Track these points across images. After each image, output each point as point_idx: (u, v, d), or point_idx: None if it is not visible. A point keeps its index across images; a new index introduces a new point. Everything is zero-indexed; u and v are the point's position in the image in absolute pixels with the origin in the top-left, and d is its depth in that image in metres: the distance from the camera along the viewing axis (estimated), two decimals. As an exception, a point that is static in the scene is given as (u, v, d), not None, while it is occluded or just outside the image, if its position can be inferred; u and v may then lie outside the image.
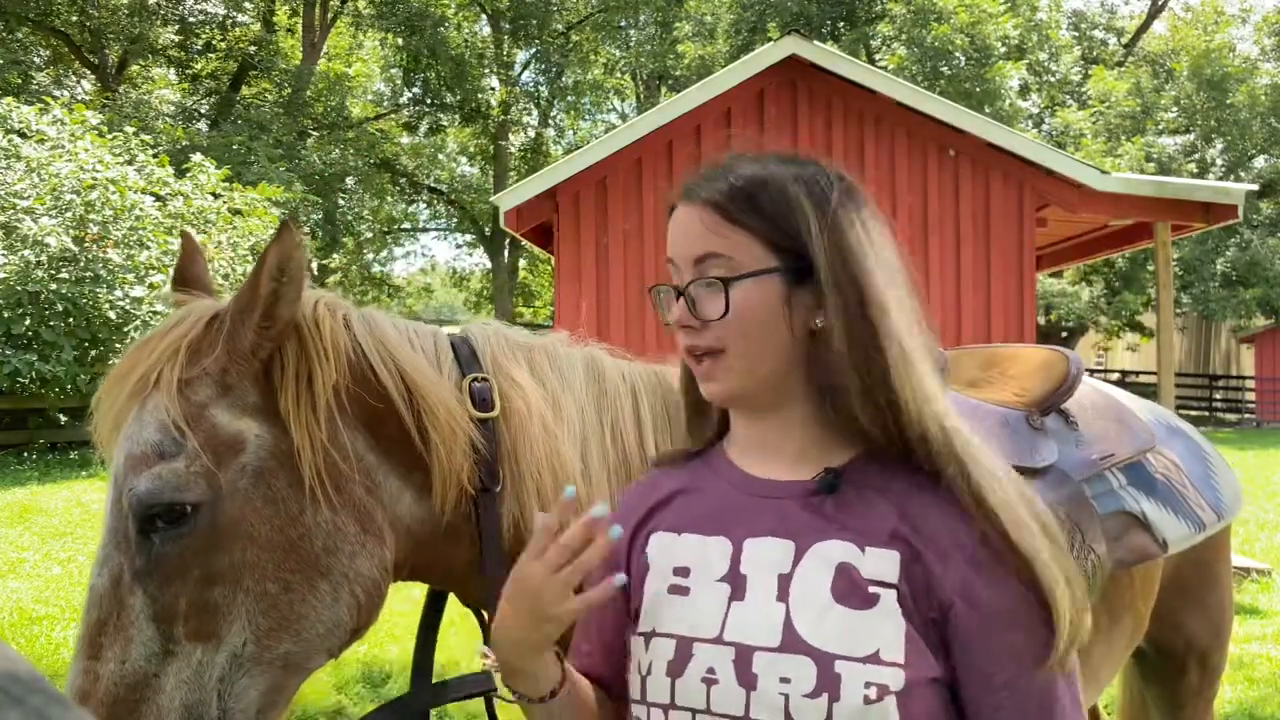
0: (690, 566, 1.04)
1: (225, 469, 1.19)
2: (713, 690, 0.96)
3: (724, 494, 1.08)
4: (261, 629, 1.19)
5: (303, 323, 1.27)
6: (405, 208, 32.35)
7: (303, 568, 1.21)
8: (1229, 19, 29.15)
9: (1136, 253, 16.71)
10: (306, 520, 1.22)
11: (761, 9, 25.59)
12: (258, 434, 1.23)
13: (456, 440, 1.33)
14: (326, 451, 1.23)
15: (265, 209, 12.82)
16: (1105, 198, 7.84)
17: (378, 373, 1.32)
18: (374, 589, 1.27)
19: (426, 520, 1.35)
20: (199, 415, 1.20)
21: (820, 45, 8.14)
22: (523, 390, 1.43)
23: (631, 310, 7.93)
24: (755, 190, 1.02)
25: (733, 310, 1.00)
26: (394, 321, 1.42)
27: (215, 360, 1.23)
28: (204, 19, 26.03)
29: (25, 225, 11.17)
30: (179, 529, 1.16)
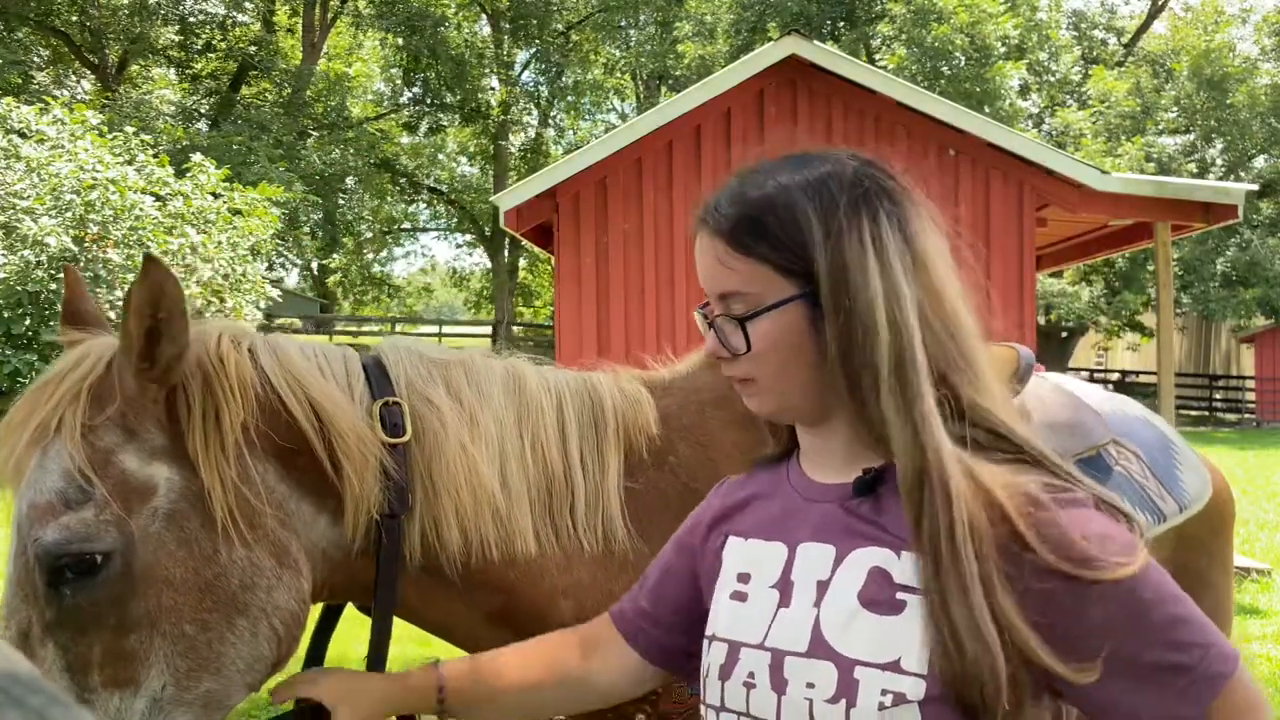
0: (751, 573, 1.07)
1: (136, 515, 1.16)
2: (751, 694, 0.98)
3: (788, 498, 1.09)
4: (181, 670, 1.16)
5: (206, 359, 1.24)
6: (405, 208, 32.37)
7: (220, 606, 1.19)
8: (1229, 19, 29.16)
9: (1136, 253, 16.71)
10: (221, 559, 1.20)
11: (761, 9, 25.60)
12: (168, 477, 1.20)
13: (368, 466, 1.32)
14: (238, 489, 1.21)
15: (265, 209, 12.81)
16: (1105, 198, 7.84)
17: (287, 404, 1.30)
18: (293, 620, 1.26)
19: (341, 544, 1.34)
20: (105, 461, 1.17)
21: (820, 45, 8.14)
22: (438, 410, 1.41)
23: (631, 310, 7.93)
24: (763, 214, 1.00)
25: (754, 346, 1.01)
26: (302, 348, 1.40)
27: (117, 404, 1.19)
28: (204, 19, 26.04)
29: (25, 225, 11.18)
30: (90, 579, 1.13)
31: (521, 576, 1.45)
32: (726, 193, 1.05)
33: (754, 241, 1.00)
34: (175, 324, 1.18)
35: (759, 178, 1.04)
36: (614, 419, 1.56)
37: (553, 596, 1.46)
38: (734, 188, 1.05)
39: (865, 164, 1.06)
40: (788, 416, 1.08)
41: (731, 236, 1.01)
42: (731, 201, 1.03)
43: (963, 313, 1.01)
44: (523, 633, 1.42)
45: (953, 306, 1.00)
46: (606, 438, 1.54)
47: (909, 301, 0.97)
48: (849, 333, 0.96)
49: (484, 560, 1.41)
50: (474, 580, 1.42)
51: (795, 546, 1.03)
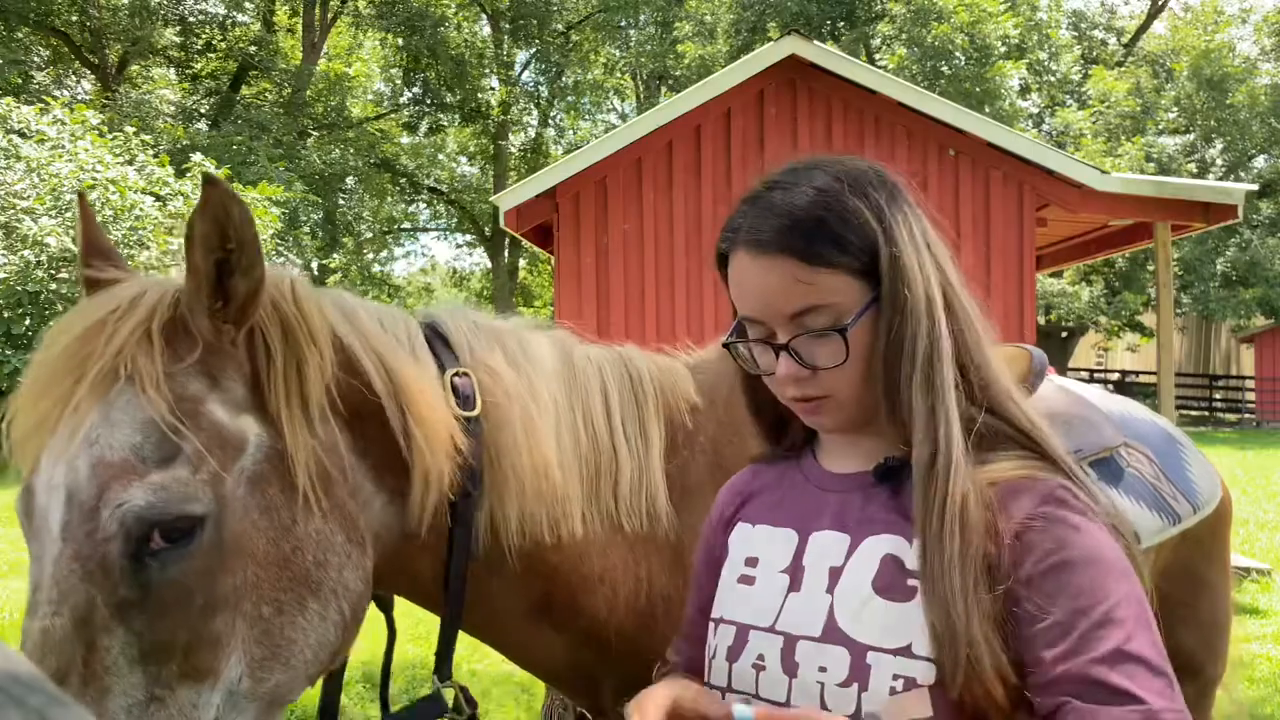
0: (759, 557, 1.08)
1: (229, 475, 1.03)
2: (761, 676, 1.00)
3: (801, 489, 1.10)
4: (255, 659, 1.03)
5: (283, 303, 1.11)
6: (405, 208, 32.34)
7: (294, 585, 1.06)
8: (1229, 19, 29.14)
9: (1136, 253, 16.71)
10: (299, 531, 1.07)
11: (761, 9, 25.59)
12: (257, 433, 1.07)
13: (441, 442, 1.21)
14: (317, 453, 1.10)
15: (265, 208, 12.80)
16: (1105, 198, 7.84)
17: (360, 364, 1.18)
18: (359, 604, 1.15)
19: (395, 528, 1.23)
20: (195, 412, 1.02)
21: (820, 45, 8.14)
22: (502, 381, 1.31)
23: (631, 310, 7.93)
24: (825, 221, 0.97)
25: (852, 354, 0.98)
26: (365, 306, 1.28)
27: (199, 350, 1.06)
28: (204, 19, 26.03)
29: (25, 225, 11.18)
30: (182, 548, 0.98)
31: (565, 560, 1.36)
32: (766, 210, 1.00)
33: (829, 250, 0.97)
34: (247, 254, 1.04)
35: (792, 188, 1.00)
36: (653, 390, 1.48)
37: (591, 582, 1.38)
38: (774, 202, 1.00)
39: (874, 165, 1.05)
40: (856, 423, 1.05)
41: (806, 250, 0.97)
42: (781, 215, 0.99)
43: (970, 304, 1.03)
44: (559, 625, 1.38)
45: (964, 298, 1.02)
46: (647, 410, 1.46)
47: (938, 290, 0.98)
48: (900, 327, 0.96)
49: (536, 544, 1.32)
50: (524, 566, 1.33)
51: (808, 534, 1.05)
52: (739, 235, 1.02)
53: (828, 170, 1.02)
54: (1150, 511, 1.65)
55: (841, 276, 0.98)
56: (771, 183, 1.03)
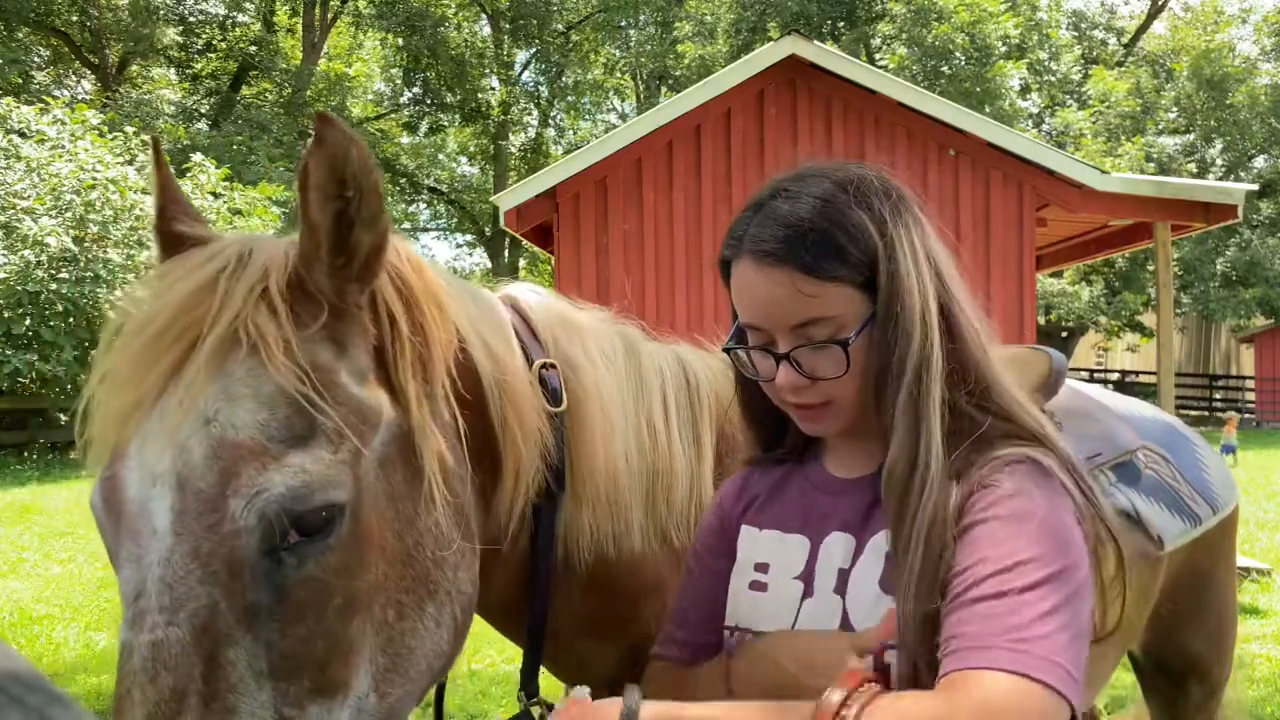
0: (769, 563, 1.08)
1: (365, 457, 0.90)
2: None
3: (809, 494, 1.10)
4: (381, 671, 0.91)
5: (398, 263, 0.99)
6: (405, 208, 32.34)
7: (415, 586, 0.94)
8: (1229, 19, 29.14)
9: (1136, 253, 16.70)
10: (420, 525, 0.95)
11: (761, 9, 25.58)
12: (389, 412, 0.94)
13: (536, 440, 1.12)
14: (441, 437, 0.98)
15: (265, 208, 12.81)
16: (1105, 198, 7.84)
17: (471, 347, 1.07)
18: (469, 608, 1.03)
19: (481, 533, 1.10)
20: (332, 383, 0.88)
21: (820, 45, 8.15)
22: (583, 379, 1.22)
23: (631, 310, 7.92)
24: (829, 233, 0.97)
25: (852, 365, 0.99)
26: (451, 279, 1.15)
27: (325, 314, 0.92)
28: (204, 19, 26.04)
29: (25, 225, 11.18)
30: (322, 541, 0.85)
31: (625, 574, 1.28)
32: (770, 219, 1.00)
33: (832, 263, 0.97)
34: (370, 203, 0.90)
35: (797, 196, 1.00)
36: (708, 397, 1.40)
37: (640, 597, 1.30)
38: (779, 211, 1.00)
39: (879, 173, 1.04)
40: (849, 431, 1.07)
41: (810, 262, 0.97)
42: (786, 225, 0.99)
43: (971, 313, 1.02)
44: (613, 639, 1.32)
45: (965, 308, 1.02)
46: (702, 417, 1.37)
47: (934, 304, 0.98)
48: (893, 340, 0.96)
49: (601, 554, 1.24)
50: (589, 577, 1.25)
51: (820, 540, 1.05)
52: (743, 244, 1.01)
53: (833, 178, 1.01)
54: (1172, 514, 1.64)
55: (844, 289, 0.98)
56: (776, 190, 1.03)
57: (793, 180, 1.03)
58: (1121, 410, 1.77)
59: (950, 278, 1.02)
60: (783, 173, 1.06)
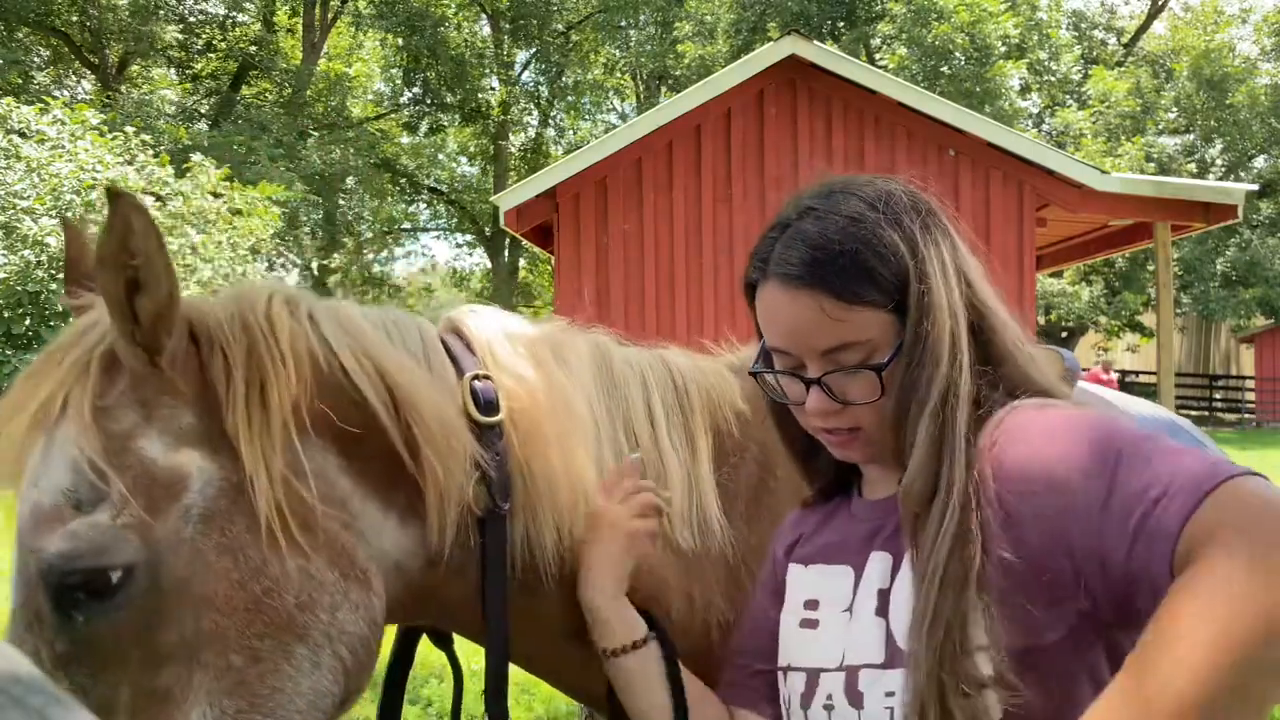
0: (819, 599, 1.05)
1: (164, 517, 0.94)
2: (832, 716, 0.97)
3: (849, 524, 1.08)
4: (229, 713, 0.94)
5: (253, 322, 1.05)
6: (405, 208, 32.34)
7: (273, 631, 0.97)
8: (1229, 19, 29.13)
9: (1136, 253, 16.71)
10: (271, 572, 0.98)
11: (761, 9, 25.58)
12: (201, 466, 0.98)
13: (454, 454, 1.12)
14: (288, 481, 1.00)
15: (266, 208, 12.81)
16: (1105, 198, 7.85)
17: (353, 377, 1.09)
18: (362, 647, 1.04)
19: (417, 552, 1.13)
20: (122, 448, 0.94)
21: (820, 45, 8.15)
22: (529, 387, 1.22)
23: (631, 310, 7.93)
24: (859, 255, 0.95)
25: (887, 389, 0.96)
26: (368, 313, 1.19)
27: (127, 377, 0.98)
28: (204, 19, 26.04)
29: (25, 225, 11.19)
30: (108, 601, 0.91)
31: None
32: (798, 240, 0.97)
33: (863, 287, 0.95)
34: (151, 270, 0.94)
35: (825, 216, 0.97)
36: (698, 395, 1.39)
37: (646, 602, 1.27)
38: (806, 232, 0.97)
39: (907, 188, 1.01)
40: (880, 457, 1.04)
41: (839, 286, 0.95)
42: (814, 246, 0.96)
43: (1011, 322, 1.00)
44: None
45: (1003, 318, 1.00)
46: (693, 416, 1.38)
47: (964, 324, 0.96)
48: (921, 362, 0.93)
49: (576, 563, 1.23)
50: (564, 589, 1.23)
51: (861, 568, 1.02)
52: (769, 265, 0.99)
53: (861, 195, 0.98)
54: None
55: (874, 312, 0.95)
56: (804, 209, 1.00)
57: (821, 198, 0.99)
58: (1131, 410, 1.77)
59: (982, 291, 1.00)
60: (808, 188, 1.03)
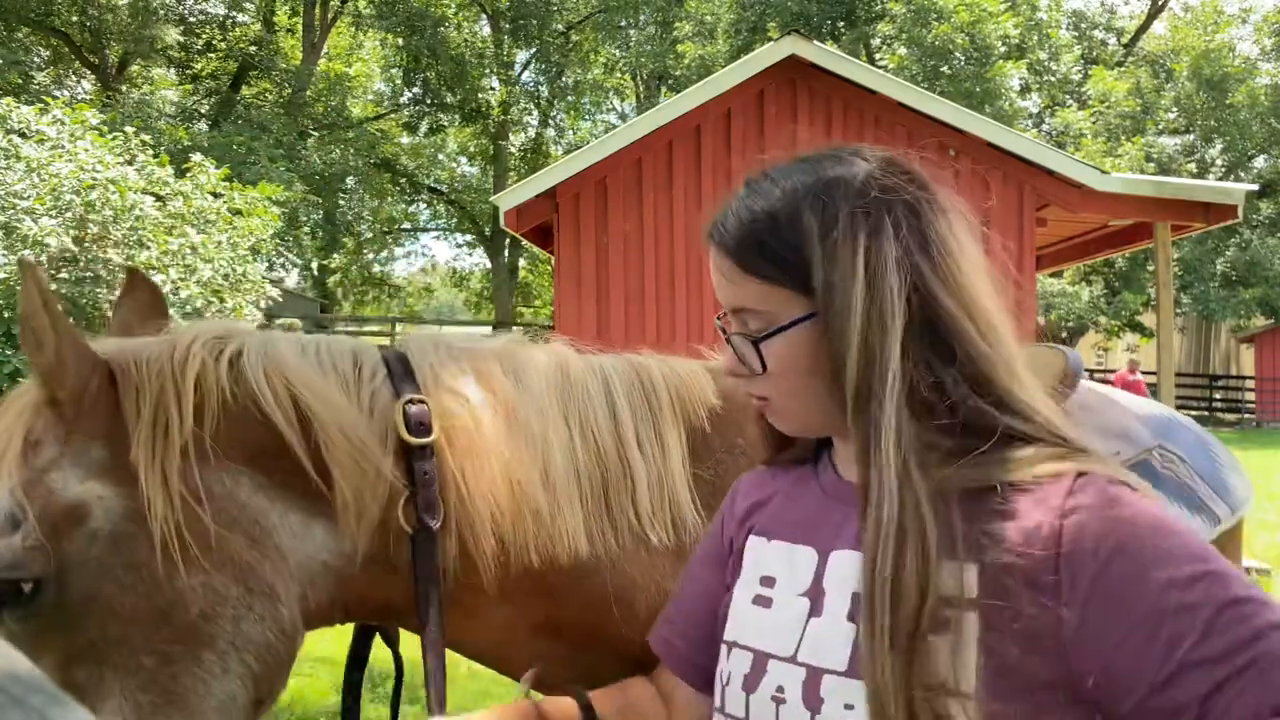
0: (776, 576, 1.02)
1: (68, 539, 1.07)
2: (781, 709, 0.94)
3: (818, 500, 1.05)
4: (144, 706, 1.06)
5: (166, 365, 1.15)
6: (405, 208, 32.36)
7: (180, 638, 1.08)
8: (1229, 19, 29.14)
9: (1136, 253, 16.71)
10: (177, 584, 1.08)
11: (761, 9, 25.58)
12: (101, 495, 1.09)
13: (364, 476, 1.19)
14: (186, 505, 1.10)
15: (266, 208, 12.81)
16: (1105, 198, 7.85)
17: (264, 407, 1.17)
18: (269, 655, 1.13)
19: (347, 554, 1.21)
20: (36, 482, 1.09)
21: (820, 45, 8.15)
22: (469, 406, 1.28)
23: (631, 310, 7.93)
24: (766, 231, 0.95)
25: (770, 366, 0.97)
26: (304, 345, 1.26)
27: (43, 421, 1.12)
28: (204, 19, 26.05)
29: (25, 225, 11.20)
30: (23, 608, 1.06)
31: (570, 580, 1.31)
32: (734, 205, 1.00)
33: (760, 262, 0.95)
34: (38, 330, 1.08)
35: (766, 186, 0.99)
36: (666, 393, 1.43)
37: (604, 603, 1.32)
38: (741, 200, 1.00)
39: (882, 165, 0.98)
40: (813, 433, 1.04)
41: (738, 255, 0.96)
42: (737, 215, 0.99)
43: (997, 319, 0.94)
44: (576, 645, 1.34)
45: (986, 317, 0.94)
46: (662, 414, 1.41)
47: (895, 323, 0.90)
48: (835, 350, 0.91)
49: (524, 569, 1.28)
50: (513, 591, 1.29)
51: (828, 553, 0.98)
52: (708, 225, 1.03)
53: (811, 173, 0.98)
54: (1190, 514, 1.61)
55: (774, 289, 0.95)
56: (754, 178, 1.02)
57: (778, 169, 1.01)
58: (1135, 409, 1.75)
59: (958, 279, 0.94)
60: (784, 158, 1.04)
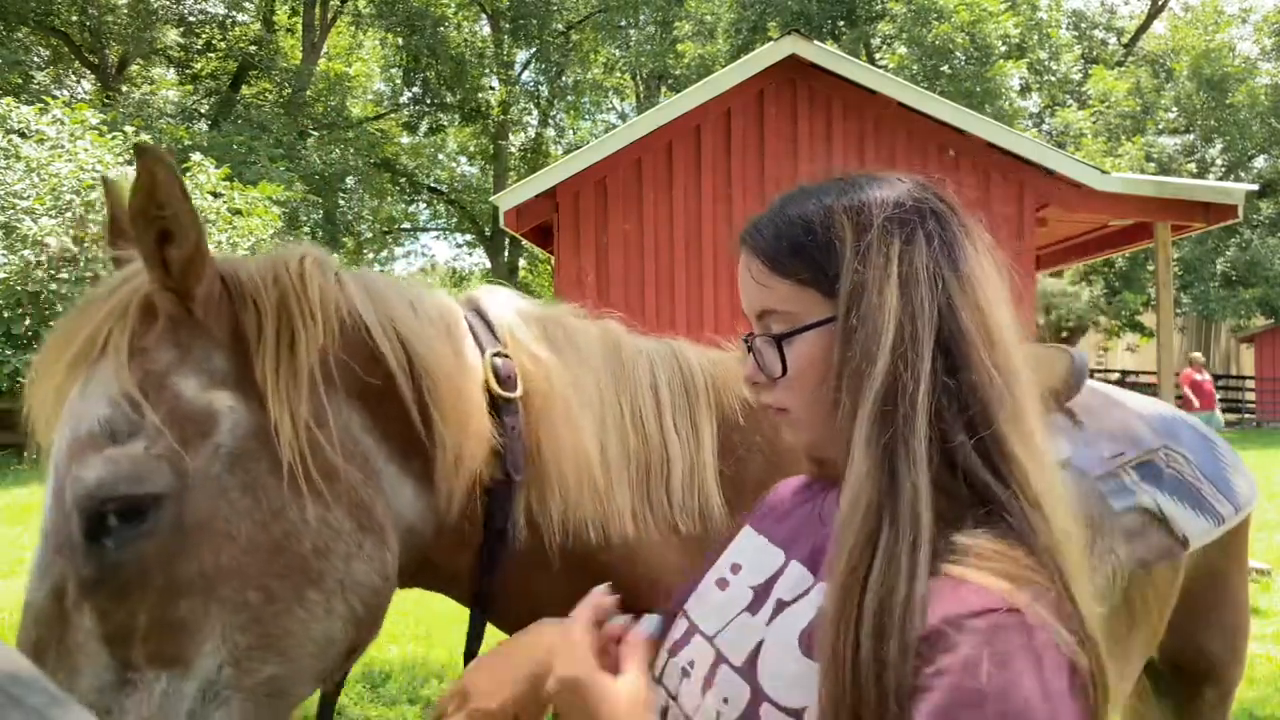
0: (743, 565, 1.04)
1: (195, 451, 0.99)
2: (684, 682, 0.97)
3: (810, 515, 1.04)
4: (241, 649, 0.98)
5: (285, 277, 1.09)
6: (405, 208, 32.36)
7: (289, 573, 1.01)
8: (1229, 19, 29.13)
9: (1136, 253, 16.71)
10: (291, 515, 1.02)
11: (762, 8, 25.57)
12: (232, 407, 1.02)
13: (466, 425, 1.16)
14: (311, 431, 1.04)
15: (265, 208, 12.82)
16: (1105, 198, 7.85)
17: (375, 339, 1.13)
18: (373, 599, 1.08)
19: (429, 517, 1.17)
20: (159, 385, 1.00)
21: (820, 45, 8.15)
22: (545, 368, 1.26)
23: (632, 310, 7.91)
24: (801, 233, 0.95)
25: (791, 368, 0.94)
26: (396, 283, 1.23)
27: (163, 320, 1.04)
28: (204, 19, 26.04)
29: (25, 225, 11.19)
30: (137, 528, 0.96)
31: (617, 561, 1.28)
32: (769, 212, 1.01)
33: (790, 260, 0.94)
34: (178, 221, 1.00)
35: (802, 197, 0.99)
36: (705, 386, 1.41)
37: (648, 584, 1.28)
38: (776, 207, 1.00)
39: (917, 186, 0.96)
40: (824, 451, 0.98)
41: (769, 255, 0.96)
42: (772, 220, 0.99)
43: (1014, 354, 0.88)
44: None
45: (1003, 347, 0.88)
46: (699, 405, 1.39)
47: (927, 333, 0.86)
48: (850, 356, 0.88)
49: (581, 542, 1.26)
50: (570, 565, 1.26)
51: (789, 561, 0.99)
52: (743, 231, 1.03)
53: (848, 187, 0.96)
54: (1195, 514, 1.62)
55: (801, 290, 0.94)
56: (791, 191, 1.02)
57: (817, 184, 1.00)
58: (1140, 410, 1.75)
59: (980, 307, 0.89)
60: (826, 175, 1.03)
